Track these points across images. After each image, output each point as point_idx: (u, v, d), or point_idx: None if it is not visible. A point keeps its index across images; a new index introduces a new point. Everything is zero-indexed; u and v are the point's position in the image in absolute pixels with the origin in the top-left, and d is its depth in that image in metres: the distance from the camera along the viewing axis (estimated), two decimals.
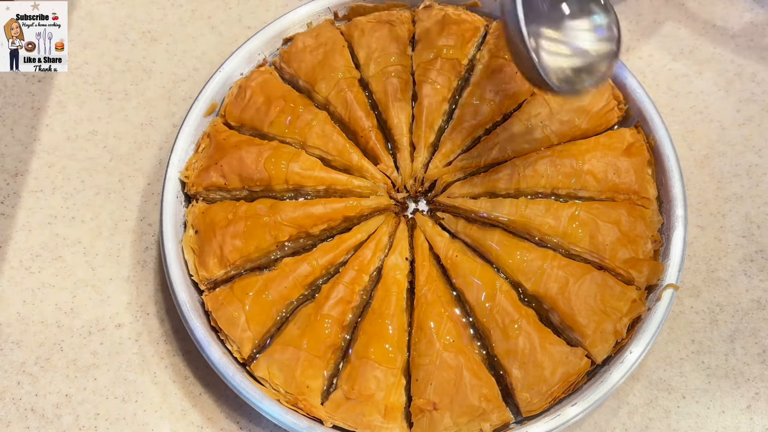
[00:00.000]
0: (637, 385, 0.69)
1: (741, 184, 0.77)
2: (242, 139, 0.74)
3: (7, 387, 0.71)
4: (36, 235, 0.77)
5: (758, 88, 0.82)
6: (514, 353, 0.64)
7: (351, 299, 0.68)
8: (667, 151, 0.71)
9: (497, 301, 0.66)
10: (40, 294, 0.74)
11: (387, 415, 0.63)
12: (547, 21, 0.59)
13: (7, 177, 0.80)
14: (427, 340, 0.65)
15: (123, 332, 0.73)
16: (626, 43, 0.85)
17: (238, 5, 0.90)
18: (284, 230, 0.70)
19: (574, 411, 0.62)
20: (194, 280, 0.70)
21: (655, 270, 0.67)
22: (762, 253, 0.74)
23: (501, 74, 0.75)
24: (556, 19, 0.59)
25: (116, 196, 0.79)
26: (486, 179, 0.72)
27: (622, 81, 0.75)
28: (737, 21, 0.85)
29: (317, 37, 0.79)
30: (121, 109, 0.84)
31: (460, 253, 0.69)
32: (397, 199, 0.74)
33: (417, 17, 0.81)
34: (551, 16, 0.59)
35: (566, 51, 0.60)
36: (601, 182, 0.70)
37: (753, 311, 0.72)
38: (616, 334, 0.65)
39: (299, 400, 0.64)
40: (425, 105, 0.75)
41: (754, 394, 0.69)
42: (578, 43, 0.60)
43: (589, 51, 0.60)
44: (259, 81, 0.77)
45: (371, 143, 0.74)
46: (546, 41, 0.58)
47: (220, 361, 0.65)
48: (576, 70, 0.60)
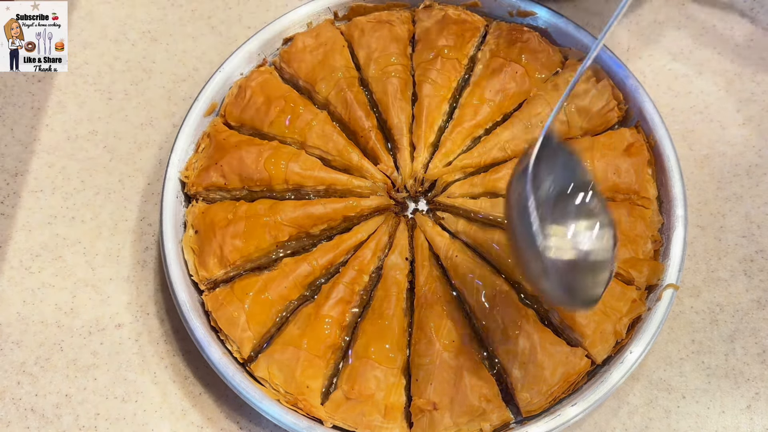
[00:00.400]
0: (637, 385, 0.69)
1: (741, 184, 0.77)
2: (242, 139, 0.74)
3: (7, 387, 0.71)
4: (36, 235, 0.77)
5: (758, 88, 0.82)
6: (514, 353, 0.64)
7: (351, 299, 0.68)
8: (667, 151, 0.71)
9: (497, 301, 0.66)
10: (40, 294, 0.74)
11: (387, 415, 0.63)
12: (551, 216, 0.53)
13: (7, 177, 0.80)
14: (427, 340, 0.65)
15: (123, 332, 0.73)
16: (626, 43, 0.85)
17: (238, 5, 0.90)
18: (284, 230, 0.70)
19: (574, 411, 0.62)
20: (194, 280, 0.70)
21: (655, 270, 0.67)
22: (762, 253, 0.74)
23: (501, 74, 0.75)
24: (559, 216, 0.54)
25: (116, 196, 0.79)
26: (486, 179, 0.72)
27: (622, 81, 0.75)
28: (737, 21, 0.85)
29: (317, 37, 0.79)
30: (121, 109, 0.84)
31: (460, 253, 0.69)
32: (397, 199, 0.74)
33: (417, 17, 0.81)
34: (555, 212, 0.54)
35: (569, 253, 0.54)
36: (601, 182, 0.70)
37: (753, 311, 0.72)
38: (616, 334, 0.65)
39: (299, 400, 0.64)
40: (425, 105, 0.75)
41: (754, 394, 0.69)
42: (579, 245, 0.54)
43: (589, 254, 0.55)
44: (259, 81, 0.77)
45: (371, 143, 0.74)
46: (552, 239, 0.53)
47: (220, 361, 0.65)
48: (576, 276, 0.55)
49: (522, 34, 0.77)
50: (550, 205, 0.54)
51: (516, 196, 0.54)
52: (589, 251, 0.54)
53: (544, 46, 0.77)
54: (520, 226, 0.53)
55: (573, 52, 0.78)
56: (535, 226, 0.52)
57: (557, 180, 0.55)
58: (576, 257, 0.54)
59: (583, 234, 0.54)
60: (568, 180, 0.55)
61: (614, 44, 0.84)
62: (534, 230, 0.52)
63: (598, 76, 0.75)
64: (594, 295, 0.54)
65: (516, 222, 0.54)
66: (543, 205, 0.53)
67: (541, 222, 0.52)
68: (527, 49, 0.76)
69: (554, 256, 0.53)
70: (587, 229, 0.55)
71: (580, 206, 0.55)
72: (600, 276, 0.54)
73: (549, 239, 0.52)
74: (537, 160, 0.53)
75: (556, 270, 0.53)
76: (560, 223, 0.54)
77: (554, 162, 0.55)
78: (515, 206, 0.54)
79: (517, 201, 0.53)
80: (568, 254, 0.54)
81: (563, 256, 0.53)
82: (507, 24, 0.80)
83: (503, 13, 0.81)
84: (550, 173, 0.54)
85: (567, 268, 0.54)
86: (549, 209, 0.53)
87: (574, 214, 0.55)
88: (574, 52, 0.78)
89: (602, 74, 0.75)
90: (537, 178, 0.53)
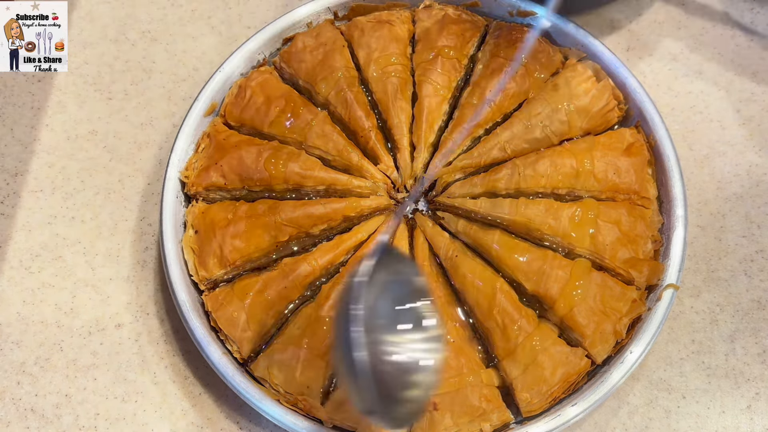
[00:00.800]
0: (637, 385, 0.69)
1: (741, 184, 0.77)
2: (242, 139, 0.74)
3: (7, 387, 0.71)
4: (36, 235, 0.77)
5: (758, 88, 0.82)
6: (514, 353, 0.64)
7: None
8: (667, 151, 0.71)
9: (497, 302, 0.66)
10: (40, 294, 0.74)
11: None
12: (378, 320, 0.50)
13: (7, 177, 0.80)
14: None
15: (123, 332, 0.73)
16: (626, 43, 0.85)
17: (238, 5, 0.90)
18: (284, 230, 0.70)
19: (574, 411, 0.62)
20: (194, 280, 0.70)
21: (655, 270, 0.67)
22: (762, 253, 0.74)
23: (501, 74, 0.75)
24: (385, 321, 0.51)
25: (116, 196, 0.79)
26: (486, 179, 0.72)
27: (622, 81, 0.75)
28: (738, 21, 0.85)
29: (317, 37, 0.79)
30: (121, 109, 0.84)
31: (460, 253, 0.69)
32: (397, 199, 0.74)
33: (417, 17, 0.81)
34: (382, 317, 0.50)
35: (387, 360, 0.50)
36: (601, 182, 0.70)
37: (753, 311, 0.72)
38: (616, 335, 0.65)
39: (299, 400, 0.64)
40: (425, 105, 0.75)
41: (755, 394, 0.69)
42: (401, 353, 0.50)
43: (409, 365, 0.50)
44: (259, 81, 0.77)
45: (371, 143, 0.74)
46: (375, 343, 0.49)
47: (220, 361, 0.65)
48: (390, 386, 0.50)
49: (522, 34, 0.77)
50: (378, 311, 0.50)
51: (346, 299, 0.50)
52: (410, 363, 0.51)
53: (544, 46, 0.77)
54: (342, 325, 0.49)
55: (573, 52, 0.78)
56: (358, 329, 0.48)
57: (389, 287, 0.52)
58: (394, 366, 0.50)
59: (408, 341, 0.51)
60: (401, 287, 0.53)
61: (614, 44, 0.84)
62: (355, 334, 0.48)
63: (598, 76, 0.75)
64: (405, 413, 0.50)
65: (340, 322, 0.49)
66: (371, 311, 0.49)
67: (366, 326, 0.48)
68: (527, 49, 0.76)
69: (371, 360, 0.48)
70: (414, 336, 0.51)
71: (409, 313, 0.52)
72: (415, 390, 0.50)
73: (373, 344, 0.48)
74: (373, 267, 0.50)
75: (368, 375, 0.48)
76: (386, 329, 0.50)
77: (389, 268, 0.52)
78: (342, 310, 0.50)
79: (346, 303, 0.49)
80: (386, 361, 0.49)
81: (382, 362, 0.49)
82: (507, 24, 0.80)
83: (503, 13, 0.81)
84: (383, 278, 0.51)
85: (383, 375, 0.49)
86: (376, 315, 0.50)
87: (404, 320, 0.51)
88: (574, 52, 0.78)
89: (602, 74, 0.75)
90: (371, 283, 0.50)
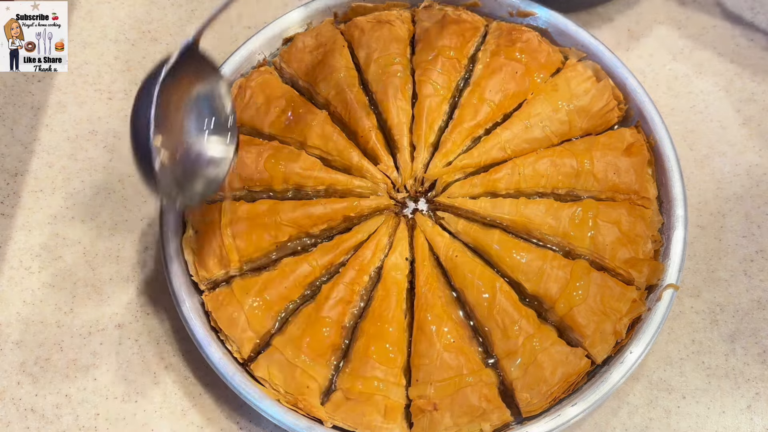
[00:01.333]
0: (637, 385, 0.69)
1: (741, 184, 0.77)
2: (242, 139, 0.74)
3: (7, 387, 0.71)
4: (36, 235, 0.77)
5: (758, 88, 0.82)
6: (514, 353, 0.64)
7: (351, 299, 0.68)
8: (667, 151, 0.71)
9: (497, 302, 0.66)
10: (40, 294, 0.74)
11: (387, 416, 0.63)
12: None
13: (7, 177, 0.80)
14: (427, 340, 0.65)
15: (123, 332, 0.73)
16: (626, 43, 0.85)
17: (238, 5, 0.90)
18: (284, 230, 0.70)
19: (574, 411, 0.62)
20: (194, 280, 0.70)
21: (655, 270, 0.67)
22: (762, 253, 0.74)
23: (501, 74, 0.75)
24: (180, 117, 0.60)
25: (116, 196, 0.79)
26: (486, 179, 0.72)
27: (622, 81, 0.75)
28: (738, 21, 0.86)
29: (317, 37, 0.79)
30: (121, 109, 0.84)
31: (460, 254, 0.69)
32: (397, 199, 0.74)
33: (417, 17, 0.81)
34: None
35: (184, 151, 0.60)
36: (601, 182, 0.70)
37: (753, 311, 0.72)
38: (616, 335, 0.65)
39: (299, 400, 0.64)
40: (425, 105, 0.75)
41: (755, 395, 0.69)
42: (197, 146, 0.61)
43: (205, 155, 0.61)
44: (259, 81, 0.77)
45: (371, 143, 0.74)
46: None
47: (220, 362, 0.65)
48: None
49: (522, 34, 0.77)
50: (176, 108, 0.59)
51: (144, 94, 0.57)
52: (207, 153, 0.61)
53: (544, 46, 0.77)
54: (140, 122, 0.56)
55: (573, 52, 0.78)
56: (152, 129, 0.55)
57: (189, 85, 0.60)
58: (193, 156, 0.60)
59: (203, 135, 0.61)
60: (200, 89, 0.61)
61: (614, 44, 0.84)
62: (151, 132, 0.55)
63: (598, 76, 0.75)
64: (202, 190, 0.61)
65: (138, 115, 0.57)
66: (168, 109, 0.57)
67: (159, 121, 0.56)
68: (527, 49, 0.76)
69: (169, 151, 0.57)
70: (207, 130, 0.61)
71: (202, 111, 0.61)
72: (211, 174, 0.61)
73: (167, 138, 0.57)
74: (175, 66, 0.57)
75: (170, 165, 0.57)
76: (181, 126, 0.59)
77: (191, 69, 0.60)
78: (141, 102, 0.57)
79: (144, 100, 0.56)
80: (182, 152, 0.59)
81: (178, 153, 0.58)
82: (507, 24, 0.80)
83: (503, 13, 0.81)
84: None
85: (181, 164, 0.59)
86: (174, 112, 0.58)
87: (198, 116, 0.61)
88: (574, 52, 0.78)
89: (602, 74, 0.75)
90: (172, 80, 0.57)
